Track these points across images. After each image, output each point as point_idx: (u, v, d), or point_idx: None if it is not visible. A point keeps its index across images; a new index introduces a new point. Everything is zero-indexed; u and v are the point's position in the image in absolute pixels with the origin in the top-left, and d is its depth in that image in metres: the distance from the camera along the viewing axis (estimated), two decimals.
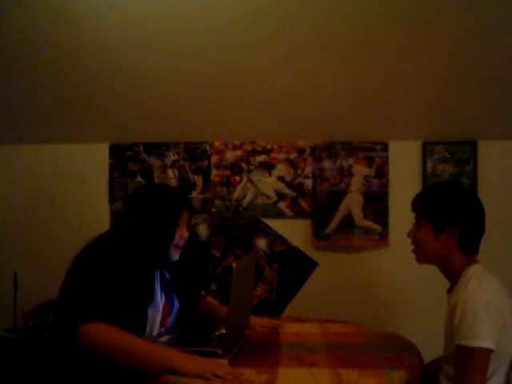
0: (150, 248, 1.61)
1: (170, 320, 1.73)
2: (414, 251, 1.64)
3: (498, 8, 1.98)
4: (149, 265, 1.63)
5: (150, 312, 1.60)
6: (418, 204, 1.63)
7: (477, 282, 1.46)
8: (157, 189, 1.82)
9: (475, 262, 1.56)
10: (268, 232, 2.62)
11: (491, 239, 2.50)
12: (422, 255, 1.62)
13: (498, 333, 1.39)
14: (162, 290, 1.71)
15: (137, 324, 1.55)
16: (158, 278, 1.70)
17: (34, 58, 2.32)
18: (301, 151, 2.63)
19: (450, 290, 1.60)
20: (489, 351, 1.37)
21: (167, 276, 1.77)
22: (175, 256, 1.71)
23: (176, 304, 1.77)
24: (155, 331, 1.63)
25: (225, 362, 1.42)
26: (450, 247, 1.54)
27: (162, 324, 1.67)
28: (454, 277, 1.56)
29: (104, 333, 1.41)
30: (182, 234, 1.69)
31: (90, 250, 1.59)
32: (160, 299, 1.67)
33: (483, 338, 1.37)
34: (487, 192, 2.53)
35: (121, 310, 1.48)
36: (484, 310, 1.39)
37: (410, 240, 1.65)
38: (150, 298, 1.60)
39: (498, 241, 2.52)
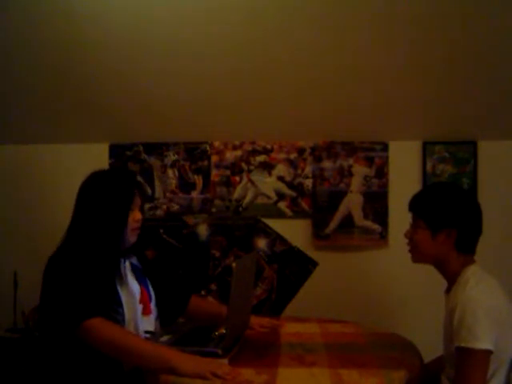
0: (104, 236, 1.60)
1: (152, 306, 1.72)
2: (410, 251, 1.64)
3: (498, 8, 1.98)
4: (108, 252, 1.61)
5: (123, 298, 1.59)
6: (415, 205, 1.63)
7: (475, 284, 1.46)
8: (104, 175, 1.75)
9: (473, 262, 1.55)
10: (268, 232, 2.62)
11: (491, 239, 2.51)
12: (418, 256, 1.62)
13: (497, 334, 1.39)
14: (136, 277, 1.70)
15: (114, 313, 1.55)
16: (128, 265, 1.69)
17: (33, 58, 2.32)
18: (301, 151, 2.63)
19: (447, 291, 1.60)
20: (488, 352, 1.37)
21: (136, 264, 1.75)
22: (133, 239, 1.69)
23: (152, 292, 1.76)
24: (139, 318, 1.62)
25: (225, 361, 1.42)
26: (447, 248, 1.54)
27: (145, 311, 1.66)
28: (451, 277, 1.56)
29: (105, 329, 1.42)
30: (135, 217, 1.67)
31: (59, 254, 1.60)
32: (134, 286, 1.66)
33: (482, 340, 1.37)
34: (487, 192, 2.54)
35: (102, 300, 1.50)
36: (483, 311, 1.39)
37: (406, 240, 1.65)
38: (115, 283, 1.60)
39: (499, 241, 2.52)
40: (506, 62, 2.19)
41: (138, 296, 1.65)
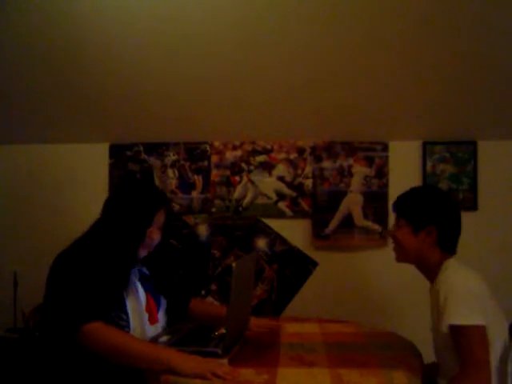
0: (118, 246, 1.60)
1: (160, 316, 1.72)
2: (394, 249, 1.72)
3: (498, 8, 1.98)
4: (119, 262, 1.61)
5: (129, 304, 1.59)
6: (397, 205, 1.72)
7: (454, 271, 1.55)
8: (135, 187, 1.75)
9: (451, 256, 1.63)
10: (268, 232, 2.62)
11: (492, 239, 2.53)
12: (402, 253, 1.69)
13: (483, 313, 1.44)
14: (143, 286, 1.69)
15: (118, 319, 1.55)
16: (137, 273, 1.70)
17: (33, 58, 2.32)
18: (301, 151, 2.63)
19: (431, 280, 1.66)
20: (481, 327, 1.42)
21: (145, 272, 1.76)
22: (143, 254, 1.69)
23: (163, 300, 1.76)
24: (145, 325, 1.62)
25: (224, 361, 1.42)
26: (428, 245, 1.62)
27: (152, 320, 1.66)
28: (432, 273, 1.63)
29: (104, 332, 1.42)
30: (151, 236, 1.66)
31: (70, 252, 1.59)
32: (141, 293, 1.66)
33: (471, 316, 1.43)
34: (487, 192, 2.54)
35: (105, 306, 1.50)
36: (465, 293, 1.47)
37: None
38: (122, 290, 1.60)
39: (499, 241, 2.52)
40: (506, 62, 2.19)
41: (144, 304, 1.65)
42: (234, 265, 1.46)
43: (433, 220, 1.61)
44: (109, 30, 2.18)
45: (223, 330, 1.59)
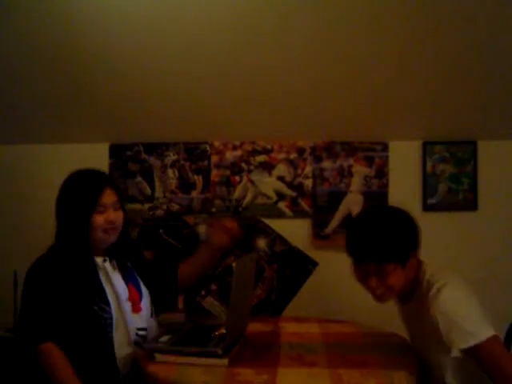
0: (69, 239, 1.63)
1: (143, 305, 1.72)
2: (380, 297, 1.53)
3: (498, 8, 1.98)
4: (77, 254, 1.63)
5: (109, 296, 1.62)
6: (373, 254, 1.47)
7: (440, 286, 1.43)
8: (73, 176, 1.74)
9: (421, 263, 1.55)
10: (268, 232, 2.62)
11: (492, 239, 2.53)
12: (392, 293, 1.53)
13: (485, 317, 1.39)
14: (124, 276, 1.71)
15: (102, 311, 1.57)
16: (115, 264, 1.71)
17: (33, 58, 2.32)
18: (301, 151, 2.63)
19: (405, 300, 1.58)
20: (495, 336, 1.35)
21: (127, 265, 1.77)
22: (110, 238, 1.68)
23: (144, 290, 1.76)
24: (128, 315, 1.64)
25: (225, 362, 1.42)
26: (413, 266, 1.52)
27: (135, 309, 1.67)
28: (409, 291, 1.53)
29: (49, 358, 1.49)
30: (108, 217, 1.64)
31: (37, 262, 1.64)
32: (120, 284, 1.68)
33: (480, 331, 1.34)
34: (487, 192, 2.54)
35: (76, 310, 1.55)
36: (462, 307, 1.39)
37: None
38: (100, 282, 1.63)
39: (499, 241, 2.52)
40: (506, 62, 2.19)
41: (125, 294, 1.66)
42: (234, 265, 1.47)
43: (411, 243, 1.50)
44: (109, 30, 2.18)
45: (223, 330, 1.59)
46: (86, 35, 2.20)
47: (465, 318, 1.37)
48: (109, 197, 1.65)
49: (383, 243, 1.45)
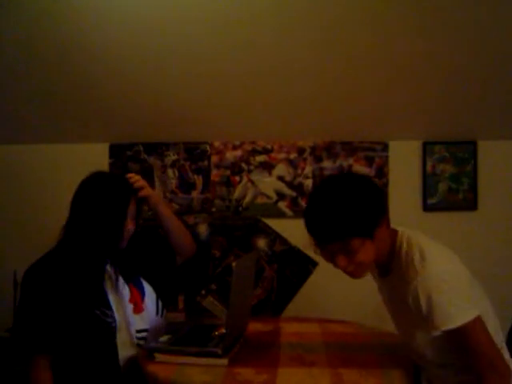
0: (98, 244, 1.58)
1: (146, 304, 1.71)
2: (352, 273, 1.40)
3: (498, 8, 1.98)
4: (99, 260, 1.62)
5: (112, 300, 1.61)
6: (332, 232, 1.33)
7: (420, 257, 1.33)
8: (104, 179, 1.68)
9: (395, 230, 1.43)
10: (268, 232, 2.62)
11: (491, 239, 2.53)
12: (365, 269, 1.40)
13: (472, 294, 1.33)
14: (125, 278, 1.70)
15: (104, 316, 1.56)
16: (114, 268, 1.70)
17: (33, 58, 2.32)
18: (301, 151, 2.63)
19: (383, 274, 1.48)
20: (476, 318, 1.28)
21: (124, 264, 1.75)
22: (122, 247, 1.67)
23: (146, 287, 1.76)
24: (130, 317, 1.63)
25: (224, 361, 1.42)
26: (385, 235, 1.39)
27: (137, 310, 1.66)
28: (385, 263, 1.44)
29: (37, 373, 1.49)
30: (128, 227, 1.63)
31: (35, 265, 1.60)
32: (122, 286, 1.67)
33: (461, 313, 1.27)
34: (487, 192, 2.54)
35: (77, 314, 1.53)
36: (446, 285, 1.29)
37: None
38: (103, 286, 1.61)
39: (499, 241, 2.52)
40: (506, 62, 2.19)
41: (127, 296, 1.66)
42: (234, 265, 1.47)
43: (374, 212, 1.33)
44: (109, 30, 2.18)
45: (223, 330, 1.59)
46: (87, 35, 2.20)
47: (447, 299, 1.28)
48: (132, 207, 1.66)
49: (342, 220, 1.30)
